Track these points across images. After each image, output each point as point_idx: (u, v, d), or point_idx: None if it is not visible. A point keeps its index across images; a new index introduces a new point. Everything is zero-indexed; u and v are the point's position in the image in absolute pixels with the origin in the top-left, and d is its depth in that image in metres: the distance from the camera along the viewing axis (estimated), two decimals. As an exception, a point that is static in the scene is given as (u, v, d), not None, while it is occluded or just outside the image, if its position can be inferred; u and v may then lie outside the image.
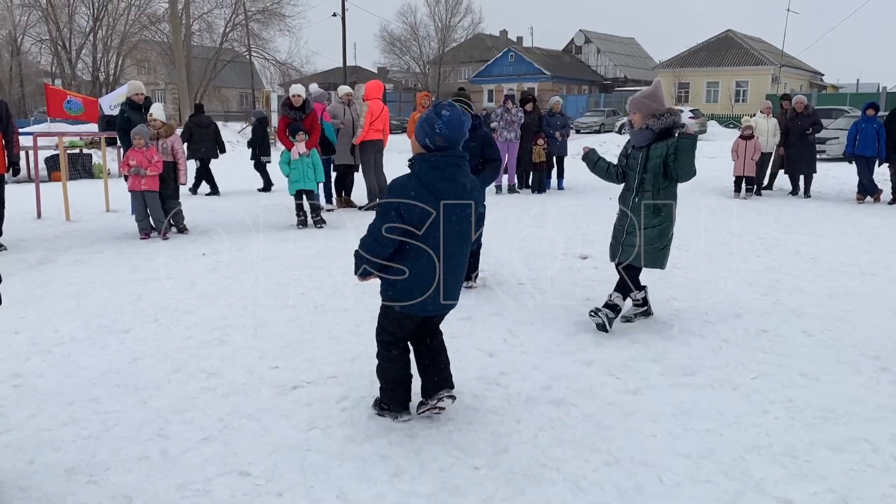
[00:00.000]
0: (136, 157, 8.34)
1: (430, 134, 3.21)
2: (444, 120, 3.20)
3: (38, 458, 3.16)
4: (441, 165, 3.22)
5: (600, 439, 3.36)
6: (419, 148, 3.32)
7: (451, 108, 3.25)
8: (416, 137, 3.30)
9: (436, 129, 3.19)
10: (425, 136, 3.24)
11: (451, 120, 3.20)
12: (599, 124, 37.97)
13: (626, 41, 67.48)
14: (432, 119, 3.21)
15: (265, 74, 45.02)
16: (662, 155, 4.76)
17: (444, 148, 3.23)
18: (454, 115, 3.22)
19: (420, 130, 3.26)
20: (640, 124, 4.82)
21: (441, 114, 3.21)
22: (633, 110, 4.89)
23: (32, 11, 39.44)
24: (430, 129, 3.21)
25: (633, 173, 4.94)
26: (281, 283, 6.38)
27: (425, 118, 3.26)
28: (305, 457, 3.19)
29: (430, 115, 3.23)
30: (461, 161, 3.28)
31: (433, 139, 3.22)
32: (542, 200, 12.06)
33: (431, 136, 3.21)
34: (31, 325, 5.07)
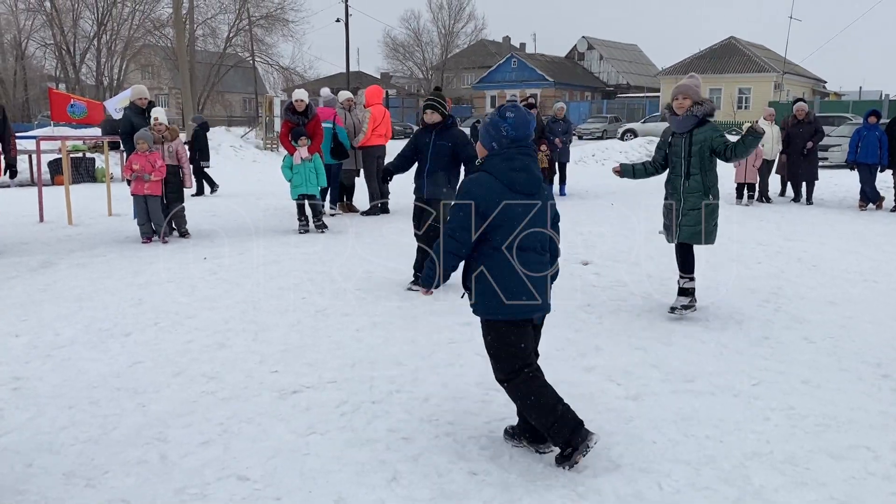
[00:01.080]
0: (139, 161, 8.35)
1: (496, 137, 3.15)
2: (509, 122, 3.13)
3: (37, 461, 3.16)
4: (512, 156, 3.14)
5: (600, 445, 3.34)
6: (483, 151, 3.24)
7: (516, 109, 3.21)
8: (481, 142, 3.23)
9: (502, 131, 3.14)
10: (492, 139, 3.17)
11: (517, 120, 3.15)
12: (602, 131, 38.05)
13: (628, 48, 67.62)
14: (498, 122, 3.15)
15: (268, 79, 45.18)
16: (708, 139, 5.19)
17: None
18: (519, 115, 3.18)
19: (486, 135, 3.19)
20: (686, 110, 5.17)
21: (506, 116, 3.15)
22: (682, 95, 5.22)
23: (37, 16, 39.63)
24: (496, 133, 3.15)
25: (678, 159, 5.33)
26: (282, 287, 6.38)
27: (490, 122, 3.21)
28: (304, 461, 3.18)
29: (495, 119, 3.18)
30: (530, 151, 3.20)
31: (500, 141, 3.16)
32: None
33: (498, 139, 3.15)
34: (31, 329, 5.07)
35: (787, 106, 27.15)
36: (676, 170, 5.36)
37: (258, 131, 29.57)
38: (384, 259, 7.44)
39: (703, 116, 5.21)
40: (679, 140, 5.32)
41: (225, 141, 24.40)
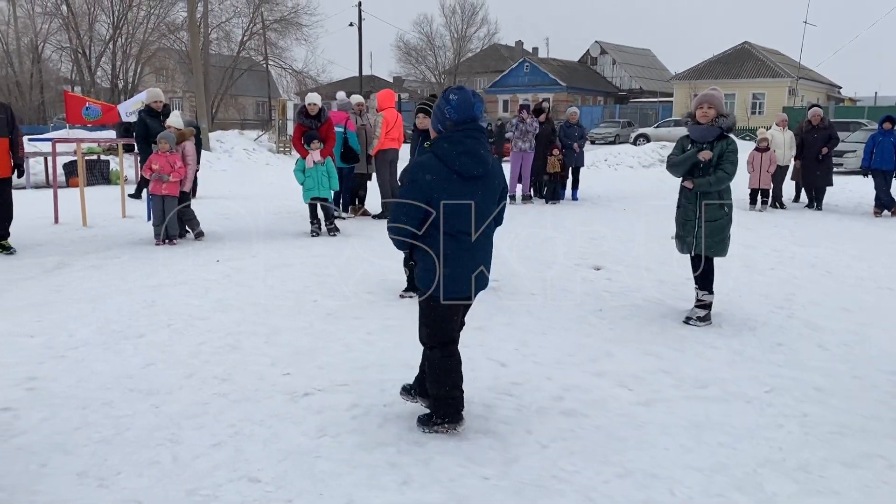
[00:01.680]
0: (158, 161, 8.41)
1: (441, 119, 3.28)
2: (452, 104, 3.24)
3: (51, 461, 3.19)
4: (456, 139, 3.24)
5: (612, 451, 3.34)
6: (434, 133, 3.37)
7: (460, 91, 3.31)
8: (431, 125, 3.37)
9: (445, 113, 3.25)
10: (437, 121, 3.30)
11: (459, 102, 3.25)
12: (614, 135, 37.97)
13: (641, 52, 67.44)
14: (441, 105, 3.28)
15: (281, 83, 45.33)
16: (723, 153, 5.19)
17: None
18: (463, 96, 3.28)
19: (434, 118, 3.33)
20: (710, 120, 5.16)
21: (449, 98, 3.28)
22: (708, 104, 5.21)
23: (54, 20, 39.95)
24: (440, 115, 3.28)
25: (697, 170, 5.29)
26: (294, 290, 6.40)
27: (437, 105, 3.34)
28: (315, 464, 3.19)
29: (440, 102, 3.30)
30: (477, 133, 3.28)
31: (444, 123, 3.27)
32: (555, 210, 12.04)
33: (442, 121, 3.27)
34: (46, 329, 5.11)
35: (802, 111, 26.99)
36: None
37: (271, 134, 29.71)
38: (395, 263, 7.43)
39: (726, 129, 5.21)
40: (697, 149, 5.29)
41: (238, 144, 24.51)
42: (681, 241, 5.48)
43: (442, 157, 3.21)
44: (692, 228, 5.35)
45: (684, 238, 5.43)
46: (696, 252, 5.37)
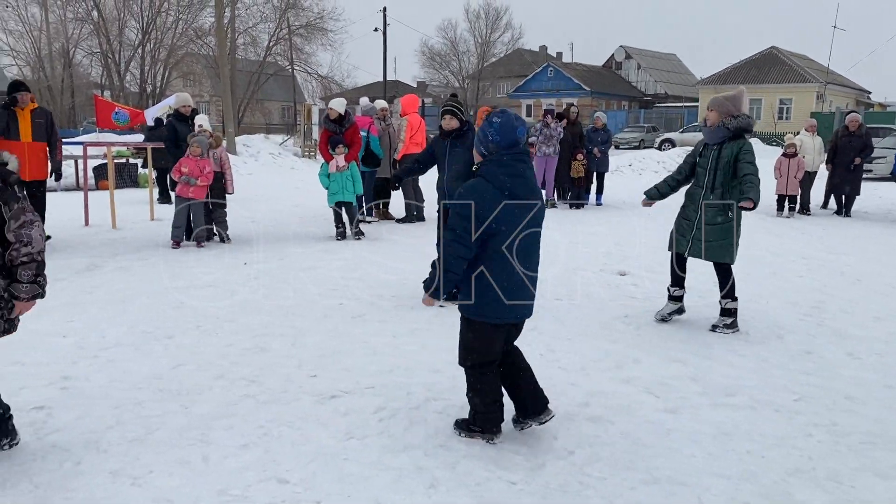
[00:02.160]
0: (188, 164, 8.52)
1: (484, 142, 3.29)
2: (495, 127, 3.26)
3: (85, 459, 3.25)
4: (506, 162, 3.25)
5: (638, 458, 3.33)
6: (478, 157, 3.38)
7: (503, 115, 3.33)
8: (475, 149, 3.38)
9: (489, 136, 3.26)
10: (480, 144, 3.32)
11: (502, 125, 3.26)
12: (639, 140, 37.78)
13: (667, 57, 67.04)
14: (485, 128, 3.29)
15: (307, 88, 45.75)
16: (733, 154, 5.11)
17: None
18: (506, 119, 3.29)
19: (477, 141, 3.35)
20: (717, 122, 5.15)
21: (493, 121, 3.29)
22: (709, 109, 5.26)
23: (85, 25, 40.70)
24: (484, 138, 3.29)
25: (703, 171, 5.29)
26: (319, 293, 6.46)
27: (480, 129, 3.35)
28: (343, 466, 3.22)
29: (483, 125, 3.32)
30: (525, 157, 3.32)
31: (487, 146, 3.28)
32: (579, 216, 12.00)
33: (486, 144, 3.28)
34: (78, 330, 5.21)
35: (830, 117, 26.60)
36: (700, 181, 5.32)
37: (296, 139, 29.94)
38: (418, 266, 7.46)
39: (737, 130, 5.13)
40: (708, 152, 5.28)
41: (264, 148, 24.77)
42: (677, 238, 5.45)
43: (492, 181, 3.21)
44: (688, 230, 5.33)
45: (681, 236, 5.41)
46: (692, 255, 5.34)
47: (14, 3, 40.51)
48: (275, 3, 40.00)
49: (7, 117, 7.76)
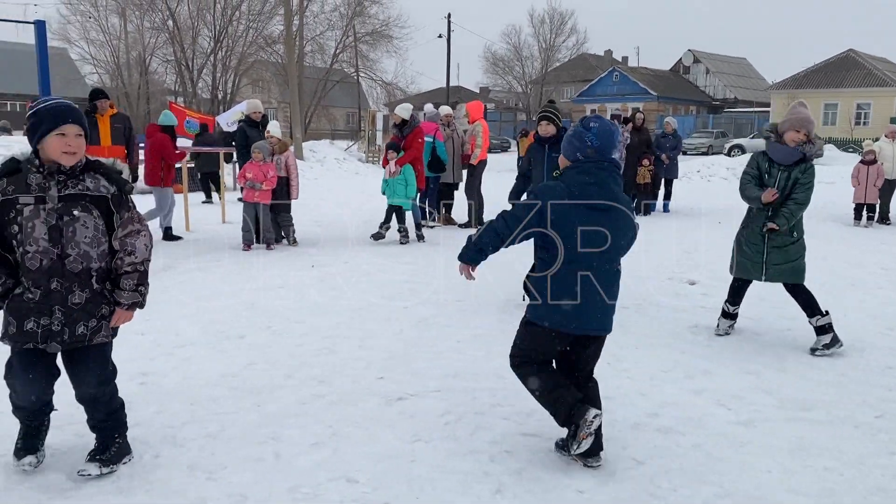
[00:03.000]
0: (252, 170, 8.77)
1: (580, 148, 3.12)
2: (593, 132, 3.10)
3: (163, 452, 3.36)
4: (590, 170, 3.11)
5: (710, 471, 3.25)
6: (565, 162, 3.23)
7: (599, 120, 3.18)
8: (564, 154, 3.22)
9: (587, 141, 3.10)
10: (576, 150, 3.14)
11: (601, 131, 3.11)
12: (707, 146, 36.96)
13: (737, 61, 65.36)
14: (582, 133, 3.13)
15: (371, 94, 46.35)
16: (795, 179, 4.96)
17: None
18: (603, 125, 3.14)
19: (569, 146, 3.18)
20: (797, 143, 4.92)
21: (590, 126, 3.13)
22: (805, 131, 4.94)
23: (160, 34, 42.23)
24: (580, 143, 3.12)
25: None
26: (385, 296, 6.53)
27: (573, 133, 3.18)
28: (411, 468, 3.24)
29: (579, 129, 3.15)
30: (613, 168, 3.16)
31: (584, 152, 3.12)
32: (646, 222, 11.78)
33: (583, 150, 3.12)
34: (155, 328, 5.40)
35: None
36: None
37: (361, 144, 30.40)
38: (483, 272, 7.47)
39: (809, 155, 4.96)
40: (776, 172, 5.03)
41: (329, 153, 25.24)
42: (745, 264, 5.18)
43: (570, 186, 3.10)
44: (759, 255, 5.09)
45: (749, 261, 5.15)
46: (768, 279, 5.11)
47: (96, 14, 42.41)
48: (342, 11, 40.73)
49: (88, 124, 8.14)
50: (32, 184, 2.90)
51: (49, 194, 2.91)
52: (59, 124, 2.90)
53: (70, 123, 2.92)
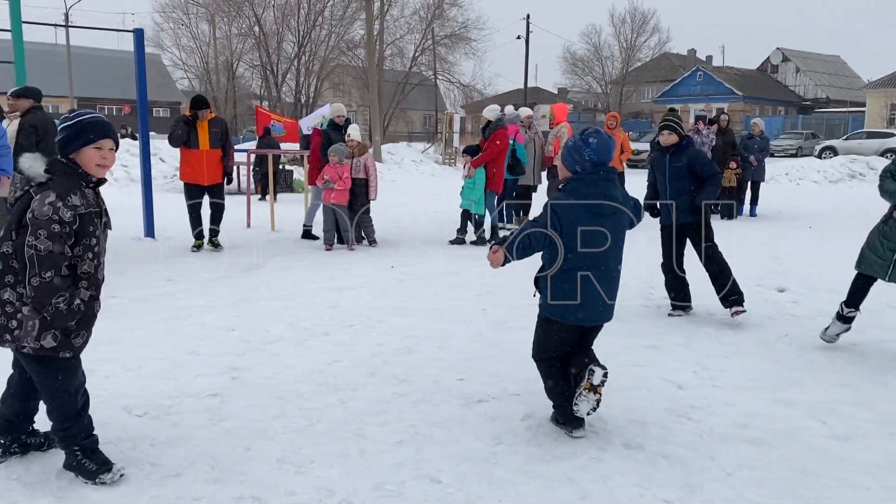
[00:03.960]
0: (329, 172, 8.98)
1: (579, 161, 3.45)
2: (591, 147, 3.42)
3: (253, 446, 3.49)
4: (591, 181, 3.44)
5: (804, 486, 3.14)
6: (566, 172, 3.54)
7: (598, 135, 3.48)
8: (563, 164, 3.54)
9: (585, 156, 3.42)
10: (574, 163, 3.47)
11: (598, 146, 3.43)
12: (796, 148, 35.49)
13: (829, 59, 62.48)
14: (580, 146, 3.43)
15: (449, 97, 46.63)
16: None
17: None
18: (601, 140, 3.45)
19: (569, 157, 3.49)
20: None
21: (588, 141, 3.42)
22: None
23: (247, 39, 43.73)
24: (578, 157, 3.44)
25: None
26: (463, 297, 6.57)
27: (572, 146, 3.48)
28: (493, 470, 3.26)
29: (578, 143, 3.45)
30: (611, 176, 3.50)
31: (583, 165, 3.44)
32: (732, 227, 11.43)
33: (581, 163, 3.44)
34: (244, 324, 5.60)
35: None
36: None
37: (437, 146, 30.61)
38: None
39: None
40: None
41: (407, 156, 25.52)
42: (874, 260, 4.95)
43: (577, 197, 3.42)
44: (891, 253, 4.84)
45: (880, 258, 4.92)
46: (893, 280, 4.87)
47: (187, 21, 44.28)
48: (421, 15, 41.15)
49: (188, 129, 8.50)
50: (89, 195, 2.97)
51: (104, 207, 3.08)
52: (99, 137, 2.97)
53: (108, 138, 3.00)
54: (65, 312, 2.87)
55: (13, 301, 2.90)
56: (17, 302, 2.90)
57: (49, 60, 37.42)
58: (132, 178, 16.02)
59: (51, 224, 2.79)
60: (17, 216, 2.87)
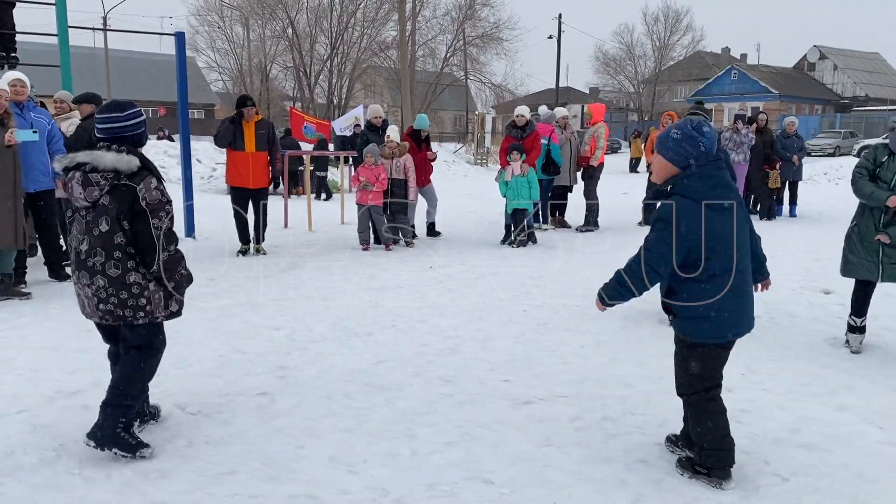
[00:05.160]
0: (365, 173, 9.02)
1: (694, 154, 3.01)
2: (708, 136, 3.02)
3: (305, 444, 3.52)
4: (710, 173, 3.02)
5: (863, 493, 3.08)
6: (672, 169, 3.08)
7: (707, 124, 3.12)
8: (670, 160, 3.06)
9: (701, 146, 3.01)
10: (688, 156, 3.02)
11: (711, 135, 3.05)
12: (834, 147, 34.86)
13: (868, 56, 61.21)
14: (694, 136, 3.02)
15: (480, 97, 46.62)
16: None
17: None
18: (712, 129, 3.09)
19: (680, 150, 3.03)
20: None
21: (703, 130, 3.03)
22: None
23: (280, 42, 44.15)
24: (693, 149, 3.02)
25: (886, 185, 4.77)
26: (503, 298, 6.56)
27: (681, 137, 3.04)
28: (544, 472, 3.25)
29: (691, 134, 3.02)
30: (722, 164, 3.09)
31: (698, 158, 3.02)
32: (772, 228, 11.26)
33: (697, 156, 3.02)
34: (288, 323, 5.66)
35: None
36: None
37: (468, 146, 30.62)
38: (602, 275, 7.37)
39: None
40: (894, 164, 4.73)
41: (438, 156, 25.53)
42: (862, 264, 4.89)
43: (694, 197, 2.99)
44: (876, 253, 4.78)
45: (867, 261, 4.85)
46: (887, 279, 4.81)
47: (222, 24, 44.84)
48: (453, 16, 41.22)
49: (234, 130, 8.35)
50: None
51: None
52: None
53: None
54: (186, 276, 3.40)
55: (140, 282, 3.23)
56: (143, 281, 3.24)
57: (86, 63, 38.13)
58: (169, 179, 16.26)
59: (164, 205, 3.21)
60: (127, 207, 3.15)
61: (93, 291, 3.21)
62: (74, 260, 3.25)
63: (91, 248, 3.17)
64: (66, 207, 3.35)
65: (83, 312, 3.36)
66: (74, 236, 3.23)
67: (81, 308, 3.36)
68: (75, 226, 3.23)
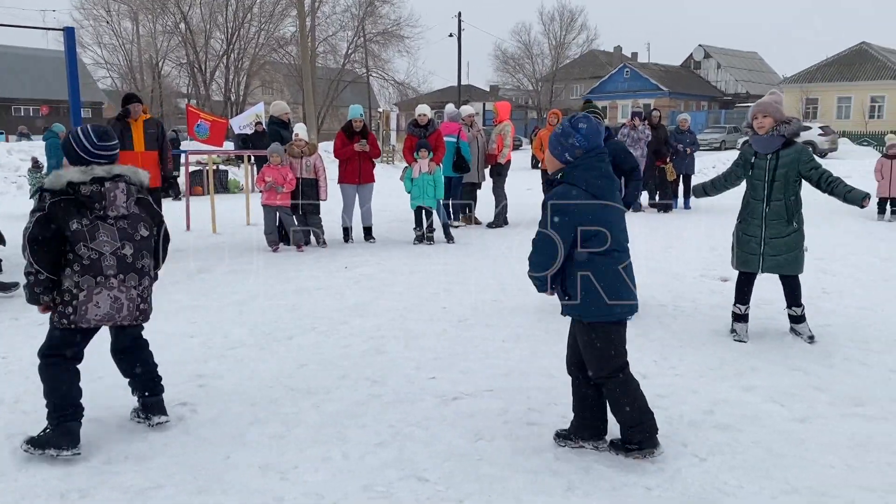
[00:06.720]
0: (271, 173, 8.83)
1: (569, 148, 3.21)
2: (581, 133, 3.19)
3: (233, 453, 3.43)
4: (590, 164, 3.21)
5: (774, 467, 3.29)
6: (556, 164, 3.30)
7: (587, 120, 3.25)
8: (552, 154, 3.29)
9: (576, 143, 3.19)
10: (564, 150, 3.23)
11: (588, 132, 3.20)
12: (720, 141, 36.84)
13: (748, 55, 65.09)
14: (570, 133, 3.21)
15: (383, 94, 46.43)
16: (794, 162, 4.91)
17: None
18: (591, 126, 3.22)
19: (558, 146, 3.25)
20: (769, 129, 4.92)
21: (578, 127, 3.20)
22: (762, 115, 4.99)
23: (173, 37, 42.47)
24: (568, 145, 3.21)
25: (760, 182, 5.03)
26: (423, 297, 6.59)
27: (562, 133, 3.24)
28: (478, 466, 3.30)
29: (568, 130, 3.22)
30: (607, 157, 3.28)
31: (573, 153, 3.21)
32: (667, 220, 11.81)
33: (571, 151, 3.21)
34: (202, 331, 5.48)
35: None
36: (757, 193, 5.05)
37: (374, 144, 30.43)
38: (517, 270, 7.52)
39: (790, 136, 4.92)
40: (762, 161, 4.99)
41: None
42: (745, 257, 5.21)
43: (580, 185, 3.20)
44: (757, 246, 5.09)
45: (749, 254, 5.16)
46: (767, 271, 5.12)
47: (108, 18, 42.67)
48: (353, 12, 40.85)
49: (121, 128, 8.04)
50: None
51: None
52: None
53: None
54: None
55: (148, 286, 3.55)
56: (150, 285, 3.58)
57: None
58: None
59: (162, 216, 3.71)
60: (149, 216, 3.54)
61: (138, 292, 3.44)
62: (117, 265, 3.34)
63: (137, 252, 3.42)
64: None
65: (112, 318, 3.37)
66: (106, 242, 3.30)
67: (112, 312, 3.36)
68: (102, 234, 3.29)
